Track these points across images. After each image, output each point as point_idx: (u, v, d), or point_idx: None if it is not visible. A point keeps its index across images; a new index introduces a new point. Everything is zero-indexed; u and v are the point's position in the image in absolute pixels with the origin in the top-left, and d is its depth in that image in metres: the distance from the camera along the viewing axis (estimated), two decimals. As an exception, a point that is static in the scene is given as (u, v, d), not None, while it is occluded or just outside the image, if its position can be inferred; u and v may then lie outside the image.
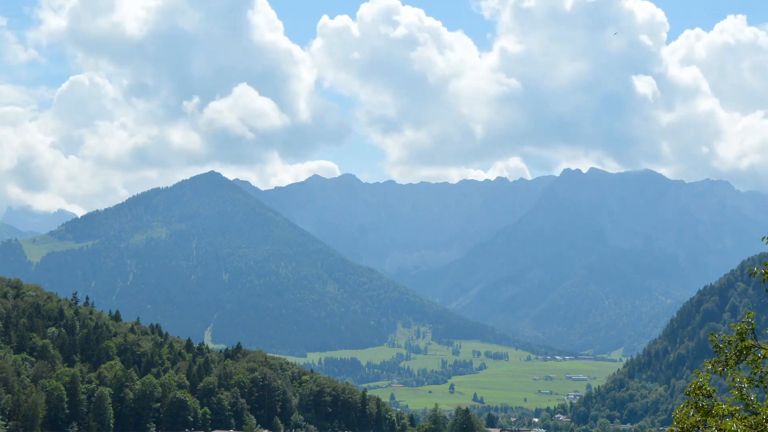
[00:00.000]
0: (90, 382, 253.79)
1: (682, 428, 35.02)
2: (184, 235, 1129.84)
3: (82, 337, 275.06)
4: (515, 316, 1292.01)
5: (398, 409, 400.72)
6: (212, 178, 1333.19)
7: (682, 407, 35.58)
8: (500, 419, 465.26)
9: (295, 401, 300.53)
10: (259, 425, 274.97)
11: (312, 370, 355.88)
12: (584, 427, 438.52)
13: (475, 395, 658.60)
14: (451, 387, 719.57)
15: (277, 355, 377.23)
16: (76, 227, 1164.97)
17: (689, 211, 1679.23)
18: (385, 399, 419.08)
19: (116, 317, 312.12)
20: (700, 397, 35.18)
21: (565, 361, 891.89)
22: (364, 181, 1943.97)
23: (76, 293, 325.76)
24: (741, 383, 34.35)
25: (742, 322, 34.95)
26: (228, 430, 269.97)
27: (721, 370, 34.84)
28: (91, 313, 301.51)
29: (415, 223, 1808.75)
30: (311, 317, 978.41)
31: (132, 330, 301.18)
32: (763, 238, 35.18)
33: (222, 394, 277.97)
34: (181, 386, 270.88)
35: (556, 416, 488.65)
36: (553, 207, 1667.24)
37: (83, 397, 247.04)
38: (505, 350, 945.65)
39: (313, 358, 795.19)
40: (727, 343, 34.91)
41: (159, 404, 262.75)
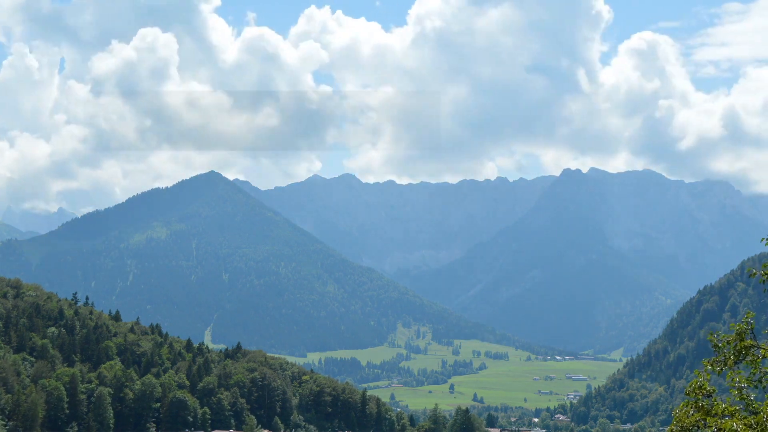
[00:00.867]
0: (90, 382, 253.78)
1: (682, 427, 35.04)
2: (184, 235, 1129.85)
3: (82, 337, 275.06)
4: (515, 316, 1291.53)
5: (398, 409, 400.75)
6: (212, 178, 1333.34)
7: (682, 406, 35.61)
8: (500, 419, 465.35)
9: (295, 401, 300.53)
10: (259, 425, 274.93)
11: (312, 370, 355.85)
12: (584, 427, 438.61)
13: (475, 395, 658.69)
14: (451, 387, 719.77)
15: (277, 355, 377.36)
16: (76, 227, 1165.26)
17: (689, 211, 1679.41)
18: (385, 399, 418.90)
19: (116, 317, 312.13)
20: (700, 397, 35.21)
21: (565, 361, 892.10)
22: (364, 181, 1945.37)
23: (76, 293, 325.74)
24: (740, 383, 34.41)
25: (742, 322, 34.99)
26: (228, 430, 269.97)
27: (720, 369, 34.89)
28: (91, 313, 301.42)
29: (415, 223, 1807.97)
30: (311, 317, 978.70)
31: (132, 330, 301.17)
32: (763, 239, 35.17)
33: (222, 394, 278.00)
34: (181, 386, 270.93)
35: (556, 416, 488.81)
36: (553, 207, 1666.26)
37: (83, 397, 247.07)
38: (505, 350, 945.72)
39: (313, 358, 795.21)
40: (726, 342, 34.97)
41: (159, 404, 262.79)
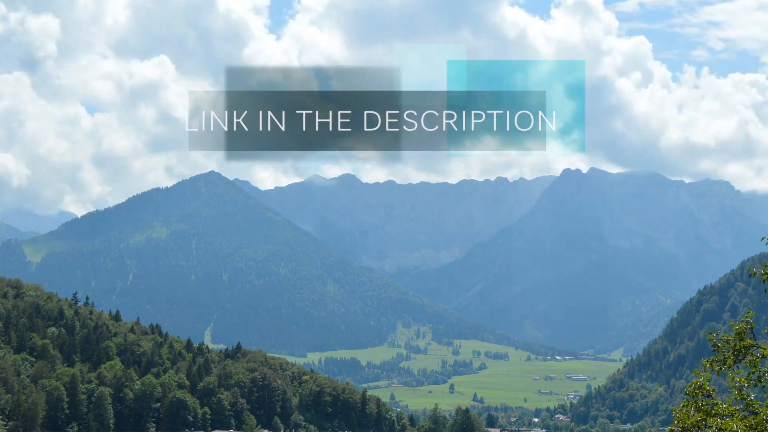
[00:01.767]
0: (90, 382, 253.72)
1: (683, 427, 35.06)
2: (184, 235, 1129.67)
3: (82, 337, 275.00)
4: (515, 316, 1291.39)
5: (398, 409, 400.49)
6: (212, 178, 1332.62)
7: (682, 406, 35.61)
8: (500, 419, 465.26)
9: (295, 401, 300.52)
10: (259, 425, 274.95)
11: (312, 370, 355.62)
12: (584, 427, 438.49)
13: (475, 395, 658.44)
14: (451, 387, 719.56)
15: (277, 355, 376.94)
16: (76, 227, 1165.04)
17: (689, 211, 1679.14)
18: (385, 399, 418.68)
19: (116, 317, 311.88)
20: (700, 397, 35.22)
21: (565, 361, 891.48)
22: (364, 181, 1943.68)
23: (76, 293, 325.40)
24: (740, 383, 34.40)
25: (741, 322, 34.99)
26: (228, 430, 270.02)
27: (719, 369, 34.89)
28: (91, 313, 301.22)
29: (415, 223, 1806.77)
30: (311, 317, 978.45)
31: (132, 330, 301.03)
32: (763, 238, 35.17)
33: (222, 394, 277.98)
34: (181, 386, 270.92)
35: (556, 416, 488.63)
36: (553, 207, 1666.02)
37: (83, 397, 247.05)
38: (505, 350, 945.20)
39: (313, 358, 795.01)
40: (726, 342, 34.97)
41: (159, 404, 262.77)
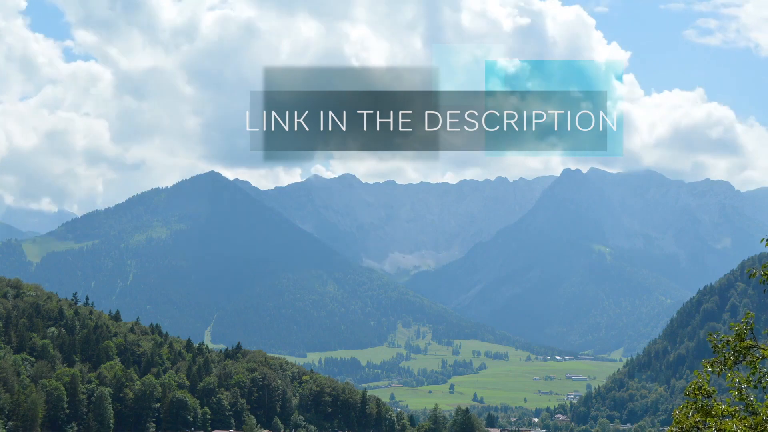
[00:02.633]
0: (90, 382, 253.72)
1: (682, 428, 35.04)
2: (184, 235, 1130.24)
3: (82, 337, 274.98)
4: (515, 316, 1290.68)
5: (398, 409, 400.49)
6: (212, 178, 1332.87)
7: (682, 407, 35.59)
8: (500, 419, 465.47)
9: (295, 401, 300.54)
10: (259, 425, 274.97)
11: (312, 370, 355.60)
12: (584, 427, 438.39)
13: (475, 395, 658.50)
14: (451, 387, 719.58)
15: (277, 355, 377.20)
16: (76, 227, 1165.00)
17: (689, 211, 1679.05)
18: (385, 399, 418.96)
19: (116, 317, 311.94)
20: (700, 398, 35.20)
21: (565, 361, 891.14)
22: (363, 181, 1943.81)
23: (76, 293, 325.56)
24: (740, 384, 34.37)
25: (741, 323, 34.95)
26: (228, 430, 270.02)
27: (719, 370, 34.86)
28: (91, 313, 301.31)
29: (415, 223, 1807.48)
30: (311, 317, 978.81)
31: (132, 330, 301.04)
32: (763, 239, 35.11)
33: (222, 394, 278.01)
34: (181, 386, 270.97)
35: (556, 416, 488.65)
36: (553, 207, 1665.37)
37: (83, 397, 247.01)
38: (505, 350, 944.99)
39: (313, 358, 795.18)
40: (726, 343, 34.94)
41: (159, 404, 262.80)
